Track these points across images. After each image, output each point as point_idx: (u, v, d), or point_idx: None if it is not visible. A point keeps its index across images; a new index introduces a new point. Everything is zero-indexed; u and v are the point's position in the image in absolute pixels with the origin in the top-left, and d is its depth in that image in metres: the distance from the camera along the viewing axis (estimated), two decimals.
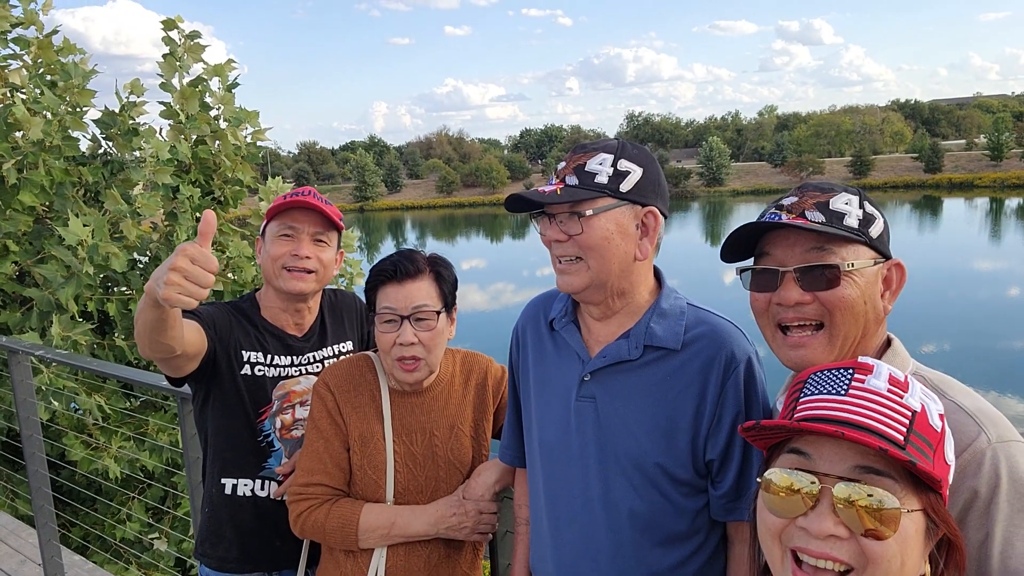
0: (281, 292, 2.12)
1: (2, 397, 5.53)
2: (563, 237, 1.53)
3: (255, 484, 2.16)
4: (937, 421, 0.96)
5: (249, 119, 7.38)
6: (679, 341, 1.55)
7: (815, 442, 0.95)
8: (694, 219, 77.63)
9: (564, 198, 1.50)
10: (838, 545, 0.90)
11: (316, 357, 2.24)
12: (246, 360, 2.13)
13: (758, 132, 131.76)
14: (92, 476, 5.59)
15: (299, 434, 2.18)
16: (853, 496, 0.88)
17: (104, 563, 5.35)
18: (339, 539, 1.91)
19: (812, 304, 1.34)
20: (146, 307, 1.67)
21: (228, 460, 2.16)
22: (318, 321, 2.28)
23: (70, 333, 5.58)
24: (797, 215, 1.36)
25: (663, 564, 1.54)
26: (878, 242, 1.37)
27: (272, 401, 2.16)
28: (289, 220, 2.10)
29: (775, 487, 0.94)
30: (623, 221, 1.52)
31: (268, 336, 2.18)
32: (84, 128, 6.24)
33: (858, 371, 0.99)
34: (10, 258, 5.74)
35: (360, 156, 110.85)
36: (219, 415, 2.16)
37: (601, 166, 1.51)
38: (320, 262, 2.12)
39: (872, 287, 1.36)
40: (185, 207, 6.75)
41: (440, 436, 1.98)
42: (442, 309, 1.91)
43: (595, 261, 1.52)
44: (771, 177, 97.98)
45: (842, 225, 1.35)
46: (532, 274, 44.07)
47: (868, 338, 1.38)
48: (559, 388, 1.65)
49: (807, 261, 1.34)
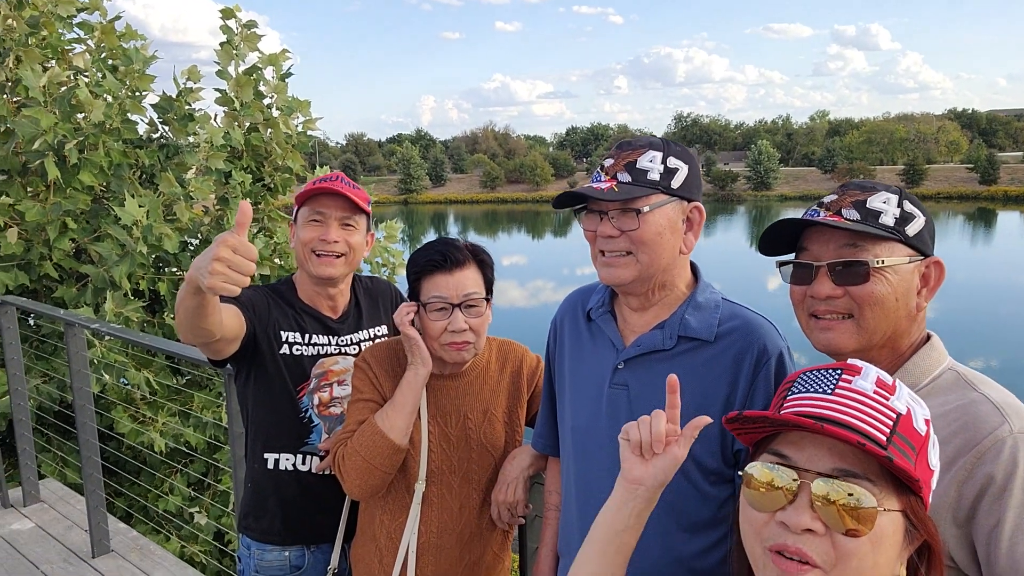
0: (312, 276, 2.19)
1: (56, 368, 5.75)
2: (616, 233, 1.57)
3: (296, 459, 2.23)
4: (922, 425, 0.96)
5: (301, 108, 7.54)
6: (713, 333, 1.59)
7: (797, 442, 0.96)
8: (740, 223, 76.70)
9: (621, 195, 1.54)
10: (812, 541, 0.91)
11: (353, 340, 2.30)
12: (284, 340, 2.20)
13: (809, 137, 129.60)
14: (138, 448, 5.78)
15: (337, 411, 2.25)
16: (832, 494, 0.89)
17: (147, 532, 5.54)
18: (374, 450, 1.91)
19: (842, 298, 1.39)
20: (187, 295, 1.73)
21: (270, 435, 2.24)
22: (352, 304, 2.34)
23: (122, 309, 5.77)
24: (834, 212, 1.42)
25: (687, 551, 1.57)
26: (916, 240, 1.40)
27: (310, 379, 2.22)
28: (317, 206, 2.16)
29: (756, 481, 0.95)
30: (673, 216, 1.58)
31: (306, 317, 2.25)
32: (143, 112, 6.43)
33: (846, 372, 1.00)
34: (68, 235, 5.95)
35: (406, 149, 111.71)
36: (260, 393, 2.23)
37: (652, 163, 1.56)
38: (349, 245, 2.17)
39: (906, 284, 1.38)
40: (236, 192, 6.92)
41: (474, 420, 2.04)
42: (487, 296, 1.98)
43: (646, 256, 1.56)
44: (820, 183, 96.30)
45: (876, 223, 1.38)
46: (572, 272, 44.01)
47: (902, 333, 1.41)
48: (593, 375, 1.69)
49: (839, 257, 1.39)
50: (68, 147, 5.69)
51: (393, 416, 1.93)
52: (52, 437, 5.92)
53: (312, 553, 2.27)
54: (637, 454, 1.24)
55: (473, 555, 2.05)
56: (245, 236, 1.61)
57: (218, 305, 1.84)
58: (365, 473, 1.92)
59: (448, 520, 2.01)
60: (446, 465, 2.02)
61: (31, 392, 5.43)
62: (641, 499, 1.23)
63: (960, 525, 1.25)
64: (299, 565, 2.25)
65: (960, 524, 1.25)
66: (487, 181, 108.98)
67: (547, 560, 1.93)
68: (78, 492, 5.01)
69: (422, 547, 2.01)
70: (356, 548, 2.13)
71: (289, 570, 2.25)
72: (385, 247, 7.92)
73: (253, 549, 2.27)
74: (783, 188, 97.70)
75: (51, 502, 4.87)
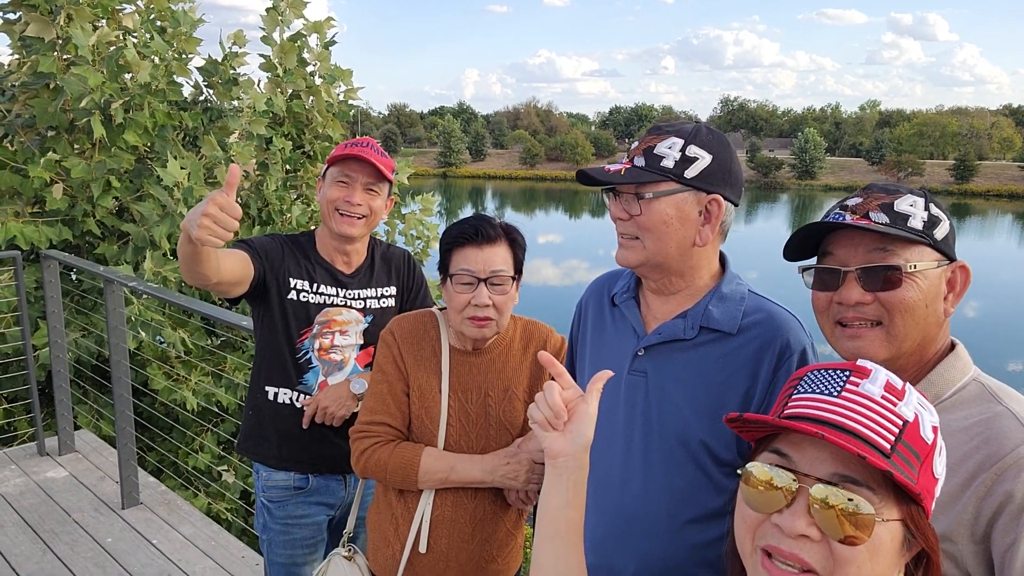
0: (333, 232, 2.35)
1: (95, 323, 5.89)
2: (624, 216, 1.56)
3: (293, 394, 2.42)
4: (929, 433, 0.93)
5: (343, 77, 7.55)
6: (736, 325, 1.56)
7: (799, 443, 0.93)
8: (781, 211, 75.53)
9: (627, 179, 1.52)
10: (808, 547, 0.89)
11: (360, 295, 2.46)
12: (292, 286, 2.38)
13: (858, 127, 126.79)
14: (171, 405, 5.91)
15: (337, 357, 2.41)
16: (831, 500, 0.87)
17: (176, 488, 5.68)
18: (399, 478, 2.00)
19: (872, 304, 1.34)
20: (184, 242, 1.95)
21: (271, 370, 2.42)
22: (367, 263, 2.50)
23: (161, 269, 5.88)
24: (861, 216, 1.36)
25: (697, 540, 1.56)
26: (943, 244, 1.36)
27: (313, 324, 2.39)
28: (346, 168, 2.31)
29: (755, 480, 0.93)
30: (684, 207, 1.53)
31: (318, 268, 2.42)
32: (188, 74, 6.50)
33: (855, 374, 0.97)
34: (112, 193, 6.06)
35: (448, 122, 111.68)
36: (266, 331, 2.42)
37: (670, 150, 1.52)
38: (370, 209, 2.34)
39: (935, 289, 1.35)
40: (276, 159, 6.98)
41: (494, 397, 2.05)
42: (515, 275, 1.98)
43: (651, 242, 1.54)
44: (866, 175, 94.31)
45: (906, 227, 1.34)
46: (607, 253, 43.49)
47: (930, 340, 1.37)
48: (612, 360, 1.68)
49: (869, 262, 1.35)
50: (114, 106, 5.78)
51: (441, 473, 1.99)
52: (88, 390, 6.08)
53: (315, 478, 2.45)
54: (549, 430, 1.22)
55: (486, 531, 2.07)
56: (233, 196, 1.81)
57: (213, 254, 2.03)
58: (378, 477, 2.04)
59: (463, 496, 2.03)
60: (464, 440, 2.03)
61: (70, 345, 5.57)
62: (571, 468, 1.20)
63: (978, 542, 1.22)
64: (302, 486, 2.44)
65: (978, 541, 1.22)
66: (527, 158, 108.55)
67: None
68: (111, 444, 5.15)
69: (436, 520, 2.03)
70: (372, 515, 2.17)
71: (293, 491, 2.44)
72: (420, 220, 7.93)
73: (261, 471, 2.47)
74: (828, 178, 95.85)
75: (85, 452, 5.01)
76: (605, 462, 1.66)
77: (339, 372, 2.41)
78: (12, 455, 4.94)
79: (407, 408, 2.05)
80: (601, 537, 1.64)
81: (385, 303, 2.49)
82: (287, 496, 2.44)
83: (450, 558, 2.04)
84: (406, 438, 2.06)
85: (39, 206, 6.00)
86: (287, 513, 2.44)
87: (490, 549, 2.08)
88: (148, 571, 3.71)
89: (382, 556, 2.10)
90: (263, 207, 7.01)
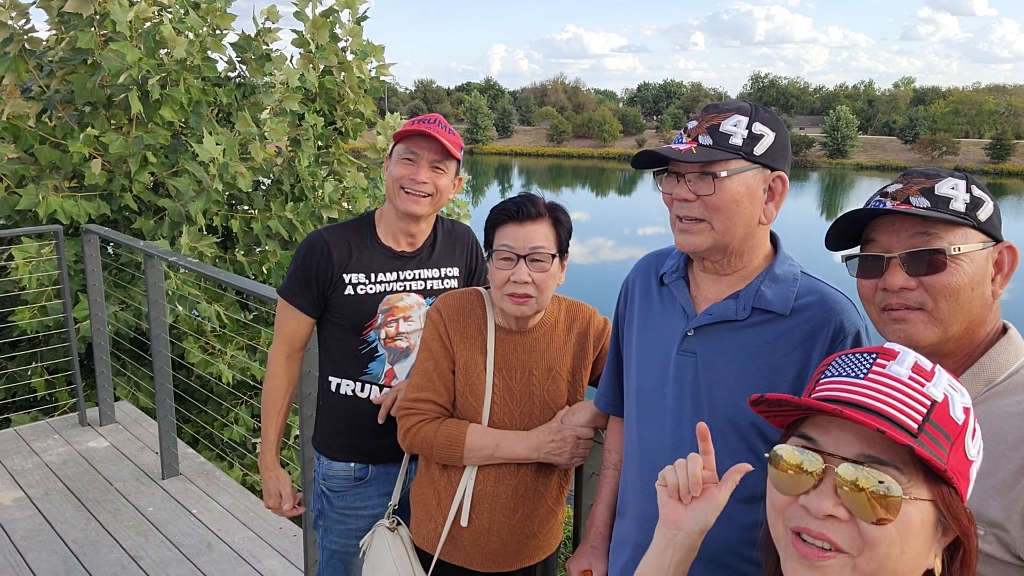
0: (398, 211, 2.30)
1: (132, 297, 5.99)
2: (691, 197, 1.53)
3: (356, 385, 2.40)
4: (960, 414, 0.92)
5: (375, 53, 7.54)
6: (788, 307, 1.55)
7: (824, 426, 0.94)
8: (812, 190, 74.47)
9: (699, 157, 1.50)
10: (836, 527, 0.89)
11: (422, 275, 2.41)
12: (348, 282, 2.33)
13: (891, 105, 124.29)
14: (207, 378, 6.02)
15: (403, 344, 2.38)
16: (861, 482, 0.87)
17: (212, 459, 5.80)
18: (445, 455, 2.03)
19: (916, 291, 1.33)
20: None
21: (334, 362, 2.42)
22: (430, 241, 2.45)
23: (197, 244, 5.96)
24: (901, 201, 1.35)
25: (744, 520, 1.57)
26: (987, 225, 1.34)
27: (376, 315, 2.36)
28: (412, 145, 2.25)
29: (783, 463, 0.94)
30: (753, 184, 1.52)
31: (376, 255, 2.36)
32: (222, 50, 6.53)
33: (882, 356, 0.96)
34: (148, 168, 6.14)
35: (475, 98, 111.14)
36: (328, 329, 2.41)
37: (736, 128, 1.51)
38: (436, 187, 2.28)
39: (981, 271, 1.33)
40: (308, 135, 7.01)
41: (538, 376, 2.06)
42: (556, 254, 1.97)
43: (721, 223, 1.52)
44: (899, 154, 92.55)
45: (948, 209, 1.32)
46: (633, 232, 43.43)
47: (978, 323, 1.35)
48: (661, 340, 1.68)
49: (913, 246, 1.33)
50: (151, 82, 5.83)
51: (486, 450, 2.01)
52: (127, 362, 6.20)
53: (376, 468, 2.43)
54: (675, 498, 1.20)
55: (527, 508, 2.09)
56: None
57: (285, 405, 2.49)
58: (424, 453, 2.08)
59: (505, 471, 2.05)
60: (507, 418, 2.05)
61: (108, 318, 5.67)
62: (681, 546, 1.18)
63: None
64: (362, 477, 2.43)
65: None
66: (554, 135, 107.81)
67: (602, 516, 1.95)
68: (150, 416, 5.26)
69: (478, 495, 2.06)
70: (415, 488, 2.20)
71: (353, 481, 2.43)
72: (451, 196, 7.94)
73: (322, 460, 2.46)
74: (860, 157, 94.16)
75: (125, 424, 5.12)
76: (656, 442, 1.66)
77: (405, 359, 2.38)
78: (54, 425, 5.06)
79: (452, 385, 2.07)
80: (651, 516, 1.65)
81: (448, 284, 2.44)
82: (347, 487, 2.43)
83: (491, 532, 2.07)
84: (451, 415, 2.09)
85: (77, 181, 6.09)
86: (347, 504, 2.44)
87: (531, 525, 2.10)
88: (189, 540, 3.80)
89: (424, 529, 2.13)
90: (295, 183, 7.06)
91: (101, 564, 3.58)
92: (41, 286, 5.54)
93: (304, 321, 2.38)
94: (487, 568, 2.10)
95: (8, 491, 4.20)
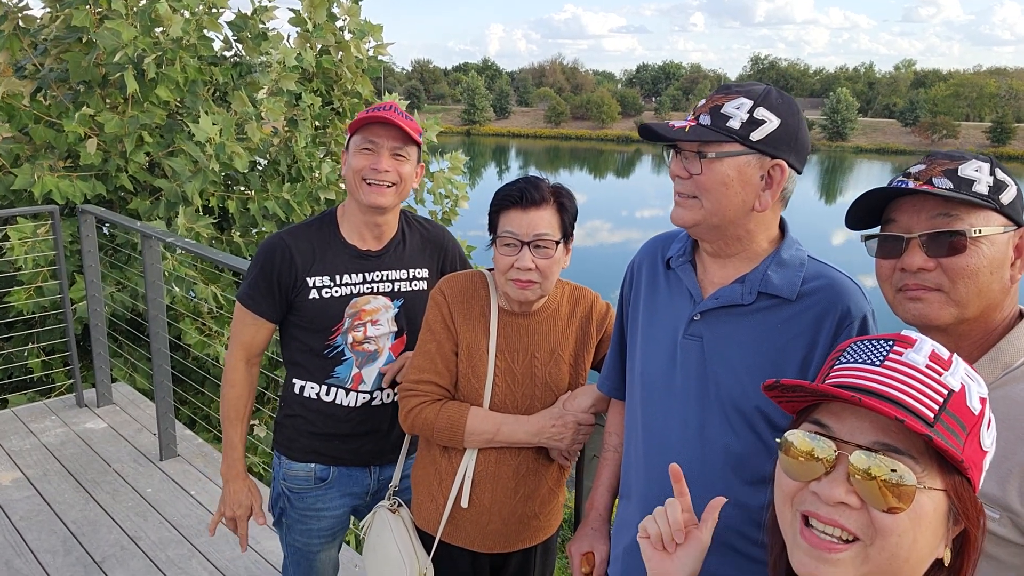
0: (362, 204, 2.21)
1: (128, 278, 5.96)
2: (684, 174, 1.53)
3: (321, 389, 2.31)
4: (977, 404, 0.91)
5: (373, 32, 7.48)
6: (795, 291, 1.54)
7: (838, 413, 0.92)
8: (810, 173, 74.29)
9: (690, 136, 1.49)
10: (847, 513, 0.88)
11: (389, 276, 2.31)
12: (312, 285, 2.23)
13: (891, 87, 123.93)
14: (204, 359, 6.01)
15: (371, 348, 2.30)
16: (874, 469, 0.86)
17: (209, 440, 5.79)
18: (446, 437, 2.02)
19: (934, 271, 1.32)
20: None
21: (299, 365, 2.33)
22: (398, 239, 2.35)
23: (193, 225, 5.93)
24: (924, 182, 1.34)
25: (751, 503, 1.56)
26: (1009, 209, 1.33)
27: (343, 319, 2.27)
28: (369, 134, 2.16)
29: (795, 449, 0.92)
30: (746, 170, 1.50)
31: (341, 255, 2.26)
32: (219, 29, 6.46)
33: (898, 343, 0.95)
34: (144, 148, 6.09)
35: (472, 79, 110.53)
36: (292, 332, 2.32)
37: (737, 111, 1.49)
38: (399, 175, 2.19)
39: (1001, 255, 1.32)
40: (305, 115, 6.96)
41: (540, 359, 2.06)
42: (561, 239, 1.96)
43: (708, 203, 1.52)
44: (899, 136, 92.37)
45: (971, 191, 1.31)
46: (631, 214, 43.33)
47: (994, 307, 1.34)
48: (667, 324, 1.67)
49: (933, 227, 1.32)
50: (147, 61, 5.77)
51: (487, 434, 2.01)
52: (123, 343, 6.18)
53: (339, 469, 2.36)
54: (660, 549, 1.17)
55: (528, 488, 2.09)
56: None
57: (246, 415, 2.38)
58: (425, 435, 2.08)
59: (506, 452, 2.05)
60: (509, 400, 2.04)
61: (105, 299, 5.65)
62: None
63: None
64: (324, 478, 2.35)
65: None
66: (552, 116, 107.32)
67: (603, 498, 1.95)
68: (147, 397, 5.25)
69: (479, 475, 2.06)
70: (416, 469, 2.20)
71: (314, 482, 2.35)
72: (449, 178, 7.90)
73: (282, 459, 2.38)
74: (860, 140, 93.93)
75: (122, 405, 5.11)
76: (661, 425, 1.66)
77: (373, 363, 2.31)
78: (52, 406, 5.05)
79: (454, 367, 2.06)
80: (656, 499, 1.65)
81: (417, 286, 2.35)
82: (308, 488, 2.36)
83: (492, 513, 2.07)
84: (453, 397, 2.08)
85: (72, 161, 6.04)
86: (307, 505, 2.37)
87: (532, 505, 2.10)
88: (188, 521, 3.80)
89: (425, 510, 2.13)
90: (292, 164, 7.02)
91: (100, 544, 3.59)
92: (37, 267, 5.51)
93: (264, 327, 2.29)
94: (488, 549, 2.10)
95: (6, 472, 4.20)
